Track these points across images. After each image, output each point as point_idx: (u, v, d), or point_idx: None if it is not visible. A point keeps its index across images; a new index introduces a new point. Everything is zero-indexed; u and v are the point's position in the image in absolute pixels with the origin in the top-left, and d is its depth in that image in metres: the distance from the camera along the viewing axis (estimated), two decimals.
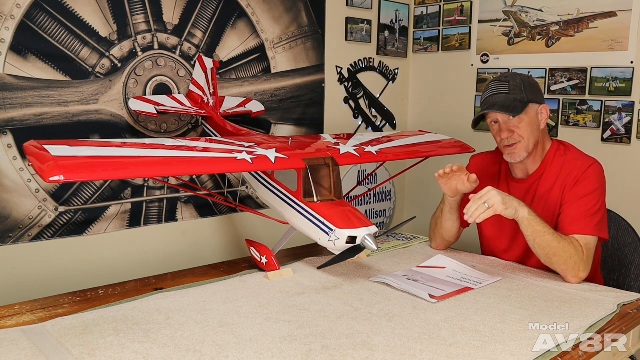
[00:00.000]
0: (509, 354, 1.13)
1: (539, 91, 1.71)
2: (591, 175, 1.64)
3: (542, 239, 1.54)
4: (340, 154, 1.66)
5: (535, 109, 1.67)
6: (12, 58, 1.74)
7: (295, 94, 2.49)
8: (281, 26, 2.39)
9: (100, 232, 1.99)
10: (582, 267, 1.55)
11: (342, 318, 1.30)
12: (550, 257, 1.55)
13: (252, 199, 2.39)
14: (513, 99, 1.63)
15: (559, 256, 1.54)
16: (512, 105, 1.63)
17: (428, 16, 2.93)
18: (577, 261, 1.54)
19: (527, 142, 1.66)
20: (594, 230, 1.59)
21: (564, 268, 1.55)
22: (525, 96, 1.64)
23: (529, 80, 1.70)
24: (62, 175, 1.17)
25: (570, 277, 1.56)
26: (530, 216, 1.54)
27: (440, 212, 1.84)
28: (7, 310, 1.35)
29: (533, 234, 1.55)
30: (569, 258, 1.54)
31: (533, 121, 1.66)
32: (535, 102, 1.66)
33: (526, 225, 1.55)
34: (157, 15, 2.03)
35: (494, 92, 1.68)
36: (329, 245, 1.50)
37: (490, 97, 1.68)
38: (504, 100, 1.64)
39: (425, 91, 3.01)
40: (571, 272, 1.55)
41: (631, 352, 1.39)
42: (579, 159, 1.69)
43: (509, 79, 1.68)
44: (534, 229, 1.54)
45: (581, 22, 2.37)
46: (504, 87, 1.66)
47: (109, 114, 1.96)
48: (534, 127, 1.67)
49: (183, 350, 1.13)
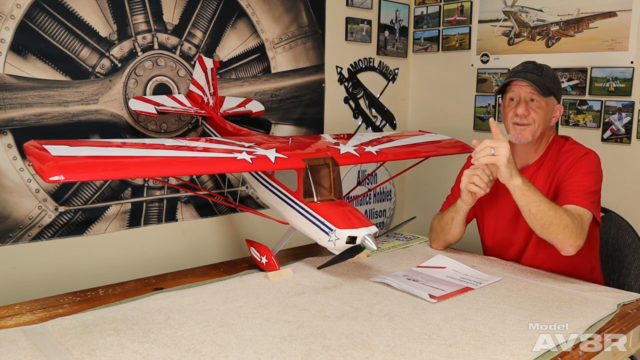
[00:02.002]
0: (509, 354, 1.13)
1: (561, 91, 1.77)
2: (588, 160, 1.67)
3: (537, 208, 1.53)
4: (340, 154, 1.66)
5: (554, 103, 1.73)
6: (12, 58, 1.74)
7: (295, 94, 2.49)
8: (281, 26, 2.39)
9: (100, 232, 1.99)
10: (579, 234, 1.53)
11: (342, 318, 1.30)
12: (546, 227, 1.54)
13: (252, 199, 2.39)
14: (543, 83, 1.67)
15: (555, 225, 1.52)
16: (541, 86, 1.67)
17: (428, 16, 2.93)
18: (573, 229, 1.52)
19: (536, 128, 1.69)
20: (590, 207, 1.59)
21: (561, 238, 1.53)
22: (552, 87, 1.69)
23: (557, 77, 1.76)
24: (62, 175, 1.17)
25: (567, 246, 1.54)
26: (524, 185, 1.53)
27: (450, 220, 1.81)
28: (7, 310, 1.35)
29: (528, 203, 1.54)
30: (566, 226, 1.52)
31: (548, 112, 1.71)
32: (556, 97, 1.72)
33: (519, 195, 1.54)
34: (157, 15, 2.03)
35: (527, 70, 1.71)
36: (329, 245, 1.50)
37: (522, 72, 1.71)
38: (536, 79, 1.68)
39: (425, 91, 3.01)
40: (569, 241, 1.53)
41: (631, 352, 1.39)
42: (575, 148, 1.73)
43: (544, 67, 1.72)
44: (528, 198, 1.53)
45: (581, 22, 2.37)
46: (538, 70, 1.70)
47: (109, 114, 1.96)
48: (547, 118, 1.71)
49: (183, 350, 1.13)
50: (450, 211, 1.82)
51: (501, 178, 1.54)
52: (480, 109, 2.77)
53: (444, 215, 1.85)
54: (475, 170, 1.63)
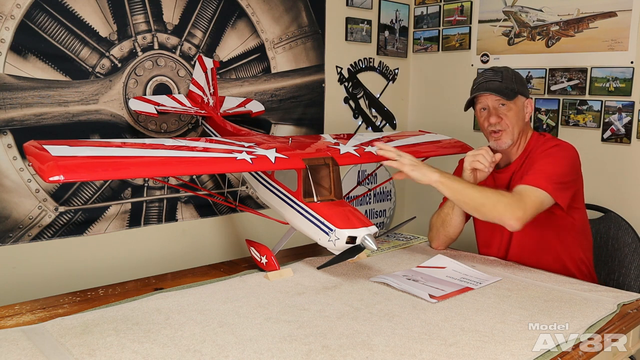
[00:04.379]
0: (509, 354, 1.13)
1: (526, 86, 1.83)
2: (557, 149, 1.69)
3: (463, 195, 1.56)
4: (340, 154, 1.66)
5: (523, 101, 1.77)
6: (12, 58, 1.74)
7: (295, 94, 2.49)
8: (281, 26, 2.39)
9: (100, 232, 1.99)
10: (516, 208, 1.53)
11: (342, 318, 1.30)
12: (479, 208, 1.56)
13: (252, 199, 2.39)
14: (505, 87, 1.73)
15: (486, 205, 1.55)
16: (505, 91, 1.72)
17: (428, 16, 2.93)
18: (507, 203, 1.54)
19: (512, 131, 1.74)
20: (547, 187, 1.58)
21: (496, 214, 1.55)
22: (516, 87, 1.74)
23: (518, 74, 1.80)
24: (62, 175, 1.18)
25: (508, 220, 1.54)
26: (442, 177, 1.56)
27: (450, 209, 1.83)
28: (7, 310, 1.35)
29: (453, 193, 1.57)
30: (497, 202, 1.54)
31: (520, 112, 1.75)
32: (523, 94, 1.77)
33: (443, 188, 1.57)
34: (157, 15, 2.03)
35: (487, 79, 1.76)
36: (329, 245, 1.50)
37: (484, 83, 1.76)
38: (497, 86, 1.73)
39: (425, 91, 3.01)
40: (506, 214, 1.53)
41: (631, 352, 1.40)
42: (549, 140, 1.76)
43: (502, 70, 1.78)
44: (451, 188, 1.57)
45: (581, 22, 2.37)
46: (497, 76, 1.75)
47: (109, 114, 1.96)
48: (520, 117, 1.76)
49: (183, 350, 1.13)
50: (447, 201, 1.85)
51: (418, 181, 1.57)
52: None
53: (443, 207, 1.87)
54: (479, 149, 1.70)
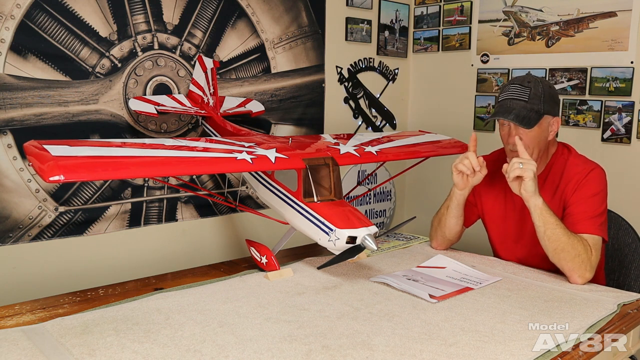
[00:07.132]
0: (509, 354, 1.13)
1: (557, 103, 1.69)
2: (593, 178, 1.65)
3: (552, 231, 1.54)
4: (340, 154, 1.66)
5: (548, 120, 1.65)
6: (12, 58, 1.74)
7: (295, 94, 2.49)
8: (281, 26, 2.39)
9: (100, 232, 1.99)
10: (588, 267, 1.54)
11: (342, 318, 1.30)
12: (558, 252, 1.55)
13: (252, 199, 2.39)
14: (530, 109, 1.61)
15: (567, 252, 1.53)
16: (527, 116, 1.61)
17: (428, 16, 2.93)
18: (584, 260, 1.54)
19: (531, 152, 1.64)
20: (599, 230, 1.59)
21: (571, 266, 1.54)
22: (542, 107, 1.62)
23: (550, 90, 1.66)
24: (62, 175, 1.17)
25: (576, 277, 1.55)
26: (544, 205, 1.55)
27: (445, 209, 1.83)
28: (7, 310, 1.35)
29: (544, 224, 1.55)
30: (577, 256, 1.53)
31: (542, 132, 1.65)
32: (550, 114, 1.65)
33: (538, 214, 1.55)
34: (157, 15, 2.03)
35: (512, 97, 1.64)
36: (329, 245, 1.50)
37: (507, 101, 1.65)
38: (520, 108, 1.62)
39: (425, 91, 3.01)
40: (577, 272, 1.54)
41: (631, 352, 1.39)
42: (580, 164, 1.69)
43: (532, 86, 1.64)
44: (545, 219, 1.55)
45: (581, 22, 2.37)
46: (524, 94, 1.62)
47: (109, 114, 1.96)
48: (542, 138, 1.66)
49: (183, 350, 1.13)
50: (445, 201, 1.84)
51: (525, 192, 1.55)
52: (480, 109, 2.77)
53: (440, 207, 1.87)
54: (467, 153, 1.70)
